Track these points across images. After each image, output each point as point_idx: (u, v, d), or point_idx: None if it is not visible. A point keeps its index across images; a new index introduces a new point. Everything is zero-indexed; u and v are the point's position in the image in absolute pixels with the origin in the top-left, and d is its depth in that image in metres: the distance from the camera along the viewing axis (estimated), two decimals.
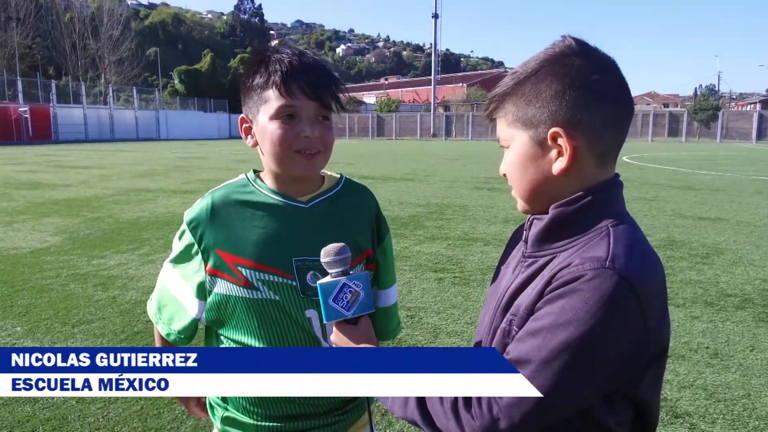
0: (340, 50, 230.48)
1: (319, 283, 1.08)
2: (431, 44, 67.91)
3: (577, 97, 0.93)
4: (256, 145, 1.31)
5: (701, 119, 47.97)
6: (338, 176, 1.43)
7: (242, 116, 1.33)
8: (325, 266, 1.10)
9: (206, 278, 1.31)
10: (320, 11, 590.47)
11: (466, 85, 78.86)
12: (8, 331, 4.12)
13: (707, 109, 48.18)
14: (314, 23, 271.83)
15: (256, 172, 1.38)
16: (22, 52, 52.26)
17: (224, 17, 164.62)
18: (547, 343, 0.87)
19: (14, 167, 18.26)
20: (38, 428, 2.86)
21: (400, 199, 10.79)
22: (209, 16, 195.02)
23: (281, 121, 1.23)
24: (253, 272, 1.27)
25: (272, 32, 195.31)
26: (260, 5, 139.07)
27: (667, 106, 76.37)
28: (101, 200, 10.62)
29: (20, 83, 43.20)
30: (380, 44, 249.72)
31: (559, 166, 0.95)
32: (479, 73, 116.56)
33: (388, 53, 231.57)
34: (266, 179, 1.35)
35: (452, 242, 7.00)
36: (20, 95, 42.65)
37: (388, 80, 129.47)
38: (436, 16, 61.80)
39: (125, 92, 55.15)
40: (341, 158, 23.35)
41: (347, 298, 1.06)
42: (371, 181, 14.05)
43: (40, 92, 44.59)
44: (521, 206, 1.05)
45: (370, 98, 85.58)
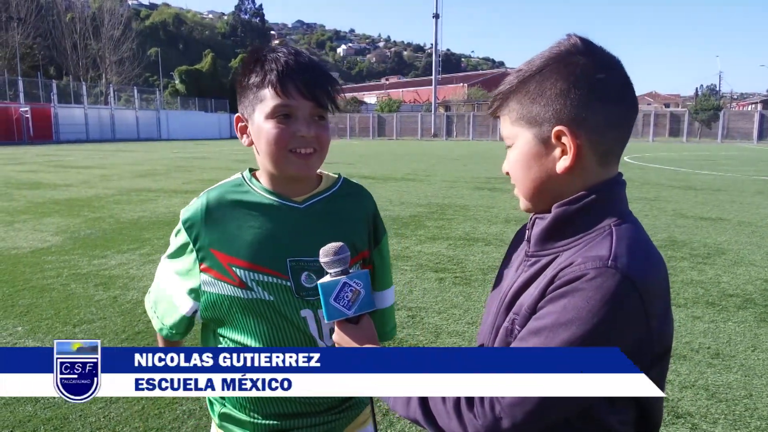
0: (340, 50, 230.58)
1: (319, 282, 1.08)
2: (432, 44, 67.98)
3: (581, 95, 0.92)
4: (251, 144, 1.30)
5: (702, 119, 47.92)
6: (336, 176, 1.42)
7: (238, 115, 1.32)
8: (324, 266, 1.09)
9: (200, 277, 1.31)
10: (321, 11, 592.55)
11: (466, 85, 78.86)
12: (9, 330, 4.12)
13: (708, 109, 48.13)
14: (315, 23, 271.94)
15: (252, 171, 1.38)
16: (23, 52, 52.32)
17: (225, 17, 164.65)
18: (549, 342, 0.87)
19: (15, 167, 18.28)
20: (39, 428, 2.85)
21: (401, 199, 10.79)
22: (210, 16, 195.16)
23: (277, 120, 1.22)
24: (247, 272, 1.27)
25: (273, 32, 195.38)
26: (261, 5, 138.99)
27: (668, 106, 76.28)
28: (102, 200, 10.63)
29: (21, 83, 43.26)
30: (381, 44, 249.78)
31: (562, 164, 0.95)
32: (480, 73, 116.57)
33: (388, 53, 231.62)
34: (262, 179, 1.35)
35: (453, 242, 7.00)
36: (21, 95, 42.71)
37: (388, 80, 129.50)
38: (436, 16, 61.82)
39: (126, 92, 55.17)
40: (342, 158, 23.36)
41: (348, 297, 1.06)
42: (372, 181, 14.05)
43: (41, 92, 44.66)
44: (524, 205, 1.05)
45: (370, 98, 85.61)
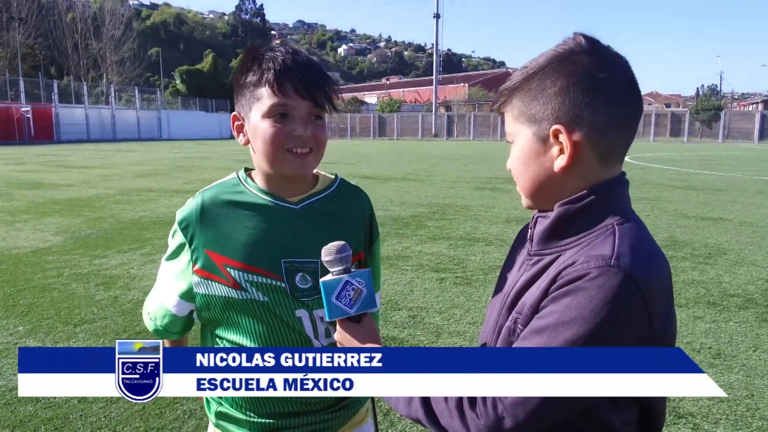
0: (341, 50, 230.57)
1: (321, 280, 1.08)
2: (433, 44, 67.97)
3: (581, 94, 0.92)
4: (247, 143, 1.29)
5: (703, 119, 47.87)
6: (332, 177, 1.41)
7: (234, 113, 1.31)
8: (326, 265, 1.09)
9: (192, 278, 1.30)
10: (322, 11, 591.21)
11: (467, 85, 78.87)
12: (10, 330, 4.12)
13: (709, 109, 48.07)
14: (316, 23, 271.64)
15: (247, 170, 1.37)
16: (24, 52, 52.35)
17: (226, 17, 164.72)
18: (551, 341, 0.86)
19: (16, 167, 18.30)
20: (40, 428, 2.85)
21: (401, 199, 10.79)
22: (211, 16, 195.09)
23: (273, 119, 1.21)
24: (241, 273, 1.27)
25: (274, 32, 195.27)
26: (262, 5, 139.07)
27: (669, 106, 76.20)
28: (103, 200, 10.64)
29: (22, 83, 43.32)
30: (382, 44, 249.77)
31: (559, 163, 0.95)
32: (481, 73, 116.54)
33: (389, 53, 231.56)
34: (257, 178, 1.34)
35: (454, 242, 6.99)
36: (22, 95, 42.76)
37: (389, 80, 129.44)
38: (437, 16, 61.82)
39: (127, 92, 55.19)
40: (343, 158, 23.36)
41: (350, 295, 1.06)
42: (373, 181, 14.05)
43: (42, 92, 44.69)
44: (525, 202, 1.05)
45: (371, 98, 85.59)
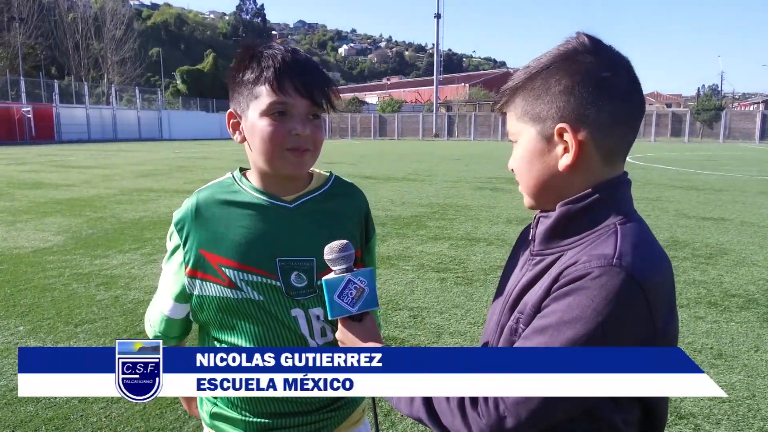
0: (342, 50, 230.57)
1: (324, 279, 1.07)
2: (433, 44, 68.00)
3: (586, 93, 0.92)
4: (243, 141, 1.29)
5: (704, 119, 47.85)
6: (327, 174, 1.41)
7: (230, 111, 1.30)
8: (328, 263, 1.09)
9: (184, 280, 1.30)
10: (322, 11, 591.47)
11: (468, 85, 78.81)
12: (11, 330, 4.12)
13: (710, 109, 48.05)
14: (316, 23, 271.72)
15: (242, 170, 1.37)
16: (25, 52, 52.39)
17: (226, 17, 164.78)
18: (553, 340, 0.86)
19: (17, 167, 18.30)
20: (41, 428, 2.85)
21: (402, 199, 10.78)
22: (211, 16, 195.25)
23: (272, 117, 1.21)
24: (236, 272, 1.26)
25: (274, 32, 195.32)
26: (262, 5, 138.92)
27: (670, 106, 76.13)
28: (104, 200, 10.64)
29: (23, 83, 43.31)
30: (382, 44, 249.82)
31: (564, 162, 0.95)
32: (481, 73, 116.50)
33: (390, 53, 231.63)
34: (252, 178, 1.33)
35: (455, 242, 6.99)
36: (23, 95, 42.76)
37: (390, 80, 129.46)
38: (438, 16, 61.80)
39: (128, 92, 55.21)
40: (343, 158, 23.36)
41: (352, 294, 1.06)
42: (373, 181, 14.05)
43: (43, 92, 44.71)
44: (527, 202, 1.05)
45: (372, 98, 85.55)
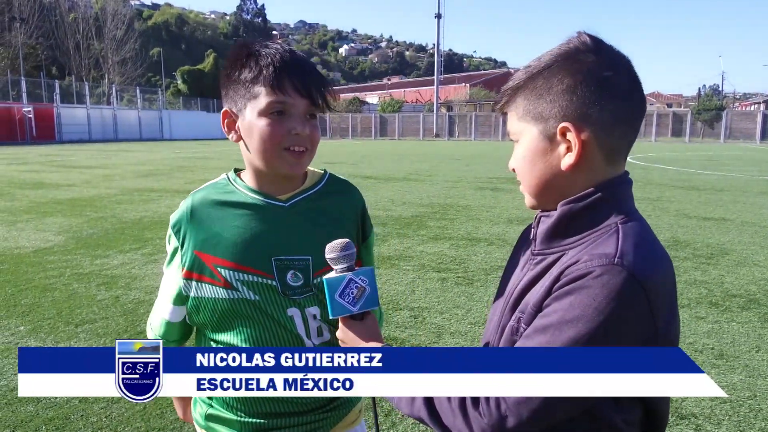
0: (343, 50, 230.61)
1: (325, 278, 1.07)
2: (434, 44, 67.99)
3: (588, 92, 0.92)
4: (239, 140, 1.28)
5: (705, 119, 47.83)
6: (321, 172, 1.40)
7: (225, 110, 1.28)
8: (330, 262, 1.09)
9: (180, 282, 1.30)
10: (323, 11, 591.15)
11: (469, 85, 78.81)
12: (11, 330, 4.12)
13: (711, 109, 48.03)
14: (317, 23, 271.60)
15: (237, 171, 1.36)
16: (26, 52, 52.41)
17: (227, 17, 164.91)
18: (554, 339, 0.86)
19: (18, 167, 18.31)
20: (41, 428, 2.85)
21: (403, 199, 10.78)
22: (212, 16, 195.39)
23: (271, 117, 1.20)
24: (232, 273, 1.26)
25: (275, 32, 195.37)
26: (263, 5, 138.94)
27: (670, 106, 76.11)
28: (104, 200, 10.64)
29: (24, 83, 43.34)
30: (383, 44, 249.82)
31: (567, 161, 0.95)
32: (482, 73, 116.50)
33: (391, 53, 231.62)
34: (246, 177, 1.33)
35: (455, 242, 6.99)
36: (24, 95, 42.80)
37: (390, 80, 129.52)
38: (439, 16, 61.82)
39: (129, 92, 55.23)
40: (344, 158, 23.37)
41: (353, 293, 1.06)
42: (374, 181, 14.05)
43: (43, 92, 44.73)
44: (529, 201, 1.04)
45: (372, 98, 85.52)
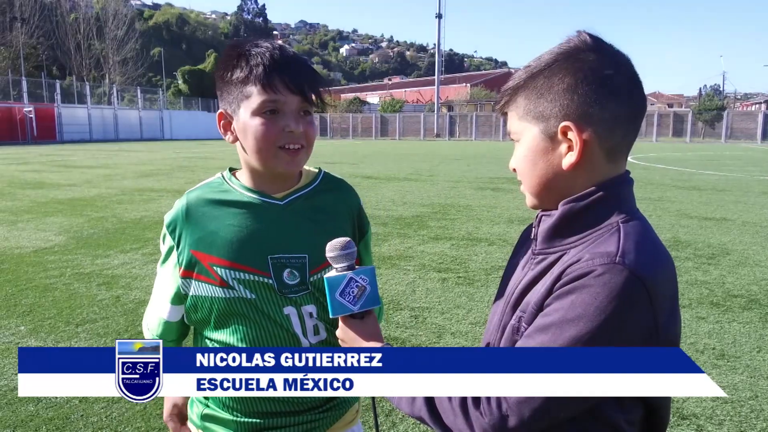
0: (343, 50, 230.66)
1: (326, 276, 1.07)
2: (435, 44, 67.98)
3: (589, 91, 0.92)
4: (235, 140, 1.28)
5: (706, 119, 47.82)
6: (316, 171, 1.41)
7: (220, 111, 1.29)
8: (330, 261, 1.09)
9: (180, 281, 1.30)
10: (324, 11, 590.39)
11: (469, 85, 78.82)
12: (12, 330, 4.12)
13: (712, 109, 48.04)
14: (318, 23, 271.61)
15: (232, 170, 1.37)
16: (26, 52, 52.49)
17: (228, 17, 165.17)
18: (556, 338, 0.86)
19: (19, 167, 18.32)
20: (41, 428, 2.85)
21: (403, 199, 10.78)
22: (213, 16, 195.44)
23: (264, 116, 1.20)
24: (228, 271, 1.26)
25: (276, 32, 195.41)
26: (264, 5, 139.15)
27: (671, 106, 76.11)
28: (105, 200, 10.64)
29: (25, 83, 43.37)
30: (384, 44, 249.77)
31: (568, 160, 0.94)
32: (483, 73, 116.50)
33: (391, 53, 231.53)
34: (242, 177, 1.33)
35: (456, 242, 6.98)
36: (25, 95, 42.82)
37: (391, 80, 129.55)
38: (439, 16, 61.85)
39: (129, 92, 55.29)
40: (345, 158, 23.36)
41: (354, 292, 1.05)
42: (375, 181, 14.05)
43: (44, 92, 44.78)
44: (530, 201, 1.04)
45: (373, 98, 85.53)
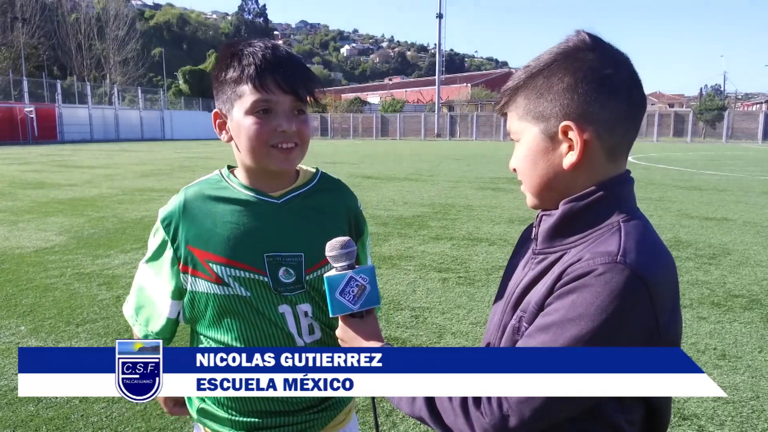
0: (344, 50, 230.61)
1: (326, 275, 1.07)
2: (435, 44, 67.97)
3: (589, 91, 0.92)
4: (230, 140, 1.29)
5: (707, 119, 47.79)
6: (313, 170, 1.41)
7: (215, 111, 1.31)
8: (330, 260, 1.09)
9: (179, 276, 1.30)
10: (324, 11, 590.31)
11: (470, 85, 78.79)
12: (12, 330, 4.12)
13: (713, 109, 48.01)
14: (318, 23, 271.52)
15: (230, 168, 1.38)
16: (27, 52, 52.51)
17: (228, 17, 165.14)
18: (557, 338, 0.85)
19: (20, 167, 18.34)
20: (41, 428, 2.85)
21: (404, 199, 10.77)
22: (213, 16, 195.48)
23: (257, 116, 1.21)
24: (224, 268, 1.26)
25: (276, 32, 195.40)
26: (264, 6, 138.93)
27: (672, 106, 76.03)
28: (106, 200, 10.64)
29: (26, 83, 43.38)
30: (384, 44, 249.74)
31: (569, 160, 0.94)
32: (483, 73, 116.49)
33: (392, 53, 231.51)
34: (239, 175, 1.34)
35: (457, 242, 6.98)
36: (26, 95, 42.85)
37: (392, 80, 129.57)
38: (440, 16, 61.82)
39: (130, 92, 55.32)
40: (345, 158, 23.37)
41: (354, 291, 1.05)
42: (375, 180, 14.05)
43: (45, 92, 44.81)
44: (530, 201, 1.04)
45: (374, 98, 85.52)
